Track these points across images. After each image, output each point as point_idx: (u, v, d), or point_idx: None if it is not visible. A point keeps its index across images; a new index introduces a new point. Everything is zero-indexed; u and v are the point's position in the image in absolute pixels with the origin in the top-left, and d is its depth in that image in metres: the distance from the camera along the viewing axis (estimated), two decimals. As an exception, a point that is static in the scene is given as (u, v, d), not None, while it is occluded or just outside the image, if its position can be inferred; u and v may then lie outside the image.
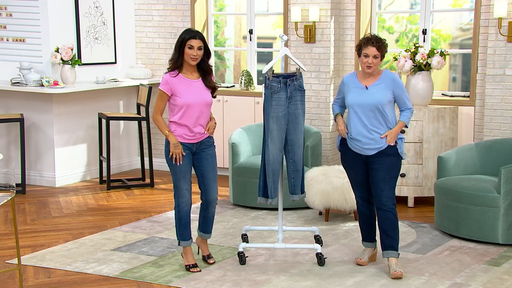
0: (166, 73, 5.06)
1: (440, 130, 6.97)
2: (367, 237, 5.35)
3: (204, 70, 5.09)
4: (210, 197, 5.20)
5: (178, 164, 5.02)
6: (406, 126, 5.16)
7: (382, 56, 5.04)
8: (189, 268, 5.19)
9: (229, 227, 6.31)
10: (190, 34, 4.98)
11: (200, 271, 5.17)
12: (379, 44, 5.00)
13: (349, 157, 5.19)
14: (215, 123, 5.19)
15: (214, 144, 5.24)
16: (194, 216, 5.69)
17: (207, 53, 5.07)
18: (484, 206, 5.76)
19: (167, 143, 5.05)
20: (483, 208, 5.77)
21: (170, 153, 5.01)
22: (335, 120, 5.25)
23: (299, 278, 5.06)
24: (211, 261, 5.33)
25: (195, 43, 4.97)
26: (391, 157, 5.06)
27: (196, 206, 5.93)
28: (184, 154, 5.04)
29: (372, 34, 5.16)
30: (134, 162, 8.93)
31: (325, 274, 5.14)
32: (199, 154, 5.14)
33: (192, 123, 5.04)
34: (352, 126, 5.09)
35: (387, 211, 5.07)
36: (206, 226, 5.31)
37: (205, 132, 5.11)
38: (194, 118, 5.03)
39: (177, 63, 5.01)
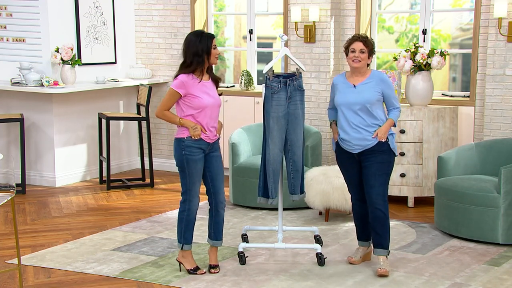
0: (180, 73, 4.97)
1: (440, 130, 6.97)
2: (361, 236, 5.37)
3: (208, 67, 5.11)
4: (220, 199, 5.16)
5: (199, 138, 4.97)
6: (394, 125, 5.16)
7: (370, 53, 5.09)
8: (194, 271, 5.13)
9: (229, 227, 6.31)
10: (211, 35, 5.00)
11: (205, 272, 5.15)
12: (365, 39, 5.09)
13: (342, 158, 5.23)
14: (222, 124, 5.19)
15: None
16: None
17: None
18: (484, 206, 5.76)
19: (178, 146, 4.99)
20: (483, 208, 5.77)
21: (192, 137, 4.94)
22: (330, 127, 5.31)
23: (299, 278, 5.06)
24: (215, 271, 5.19)
25: (215, 41, 5.03)
26: (382, 154, 5.08)
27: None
28: (206, 133, 4.99)
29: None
30: (134, 162, 8.93)
31: (325, 274, 5.14)
32: (209, 155, 5.08)
33: (206, 124, 5.00)
34: (340, 127, 5.14)
35: (377, 209, 5.07)
36: (218, 232, 5.21)
37: (217, 134, 5.10)
38: (208, 119, 5.00)
39: (202, 67, 4.98)
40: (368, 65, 5.17)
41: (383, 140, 5.07)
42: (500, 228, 5.73)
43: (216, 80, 5.12)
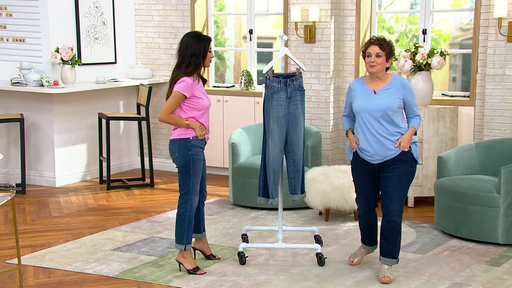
0: (182, 76, 4.99)
1: (440, 130, 6.97)
2: (368, 241, 5.29)
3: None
4: (205, 194, 5.34)
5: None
6: (415, 133, 4.96)
7: (387, 56, 4.88)
8: (194, 271, 5.14)
9: (229, 227, 6.31)
10: (209, 38, 5.08)
11: (205, 272, 5.16)
12: (381, 43, 4.87)
13: (359, 168, 5.04)
14: None
15: None
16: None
17: None
18: (484, 206, 5.76)
19: (183, 147, 5.00)
20: (483, 208, 5.77)
21: (199, 137, 4.98)
22: (346, 135, 5.10)
23: (299, 278, 5.06)
24: (218, 257, 5.43)
25: (211, 45, 5.11)
26: (405, 164, 4.89)
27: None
28: (207, 133, 5.11)
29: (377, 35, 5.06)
30: (134, 162, 8.93)
31: (325, 274, 5.14)
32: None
33: (207, 124, 5.11)
34: (360, 135, 4.94)
35: (393, 221, 4.94)
36: (204, 223, 5.38)
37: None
38: (208, 120, 5.11)
39: (199, 69, 5.05)
40: (387, 68, 4.94)
41: (406, 150, 4.87)
42: (500, 228, 5.73)
43: (204, 82, 5.18)
